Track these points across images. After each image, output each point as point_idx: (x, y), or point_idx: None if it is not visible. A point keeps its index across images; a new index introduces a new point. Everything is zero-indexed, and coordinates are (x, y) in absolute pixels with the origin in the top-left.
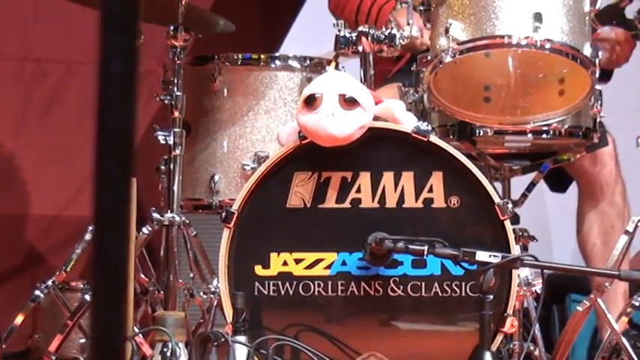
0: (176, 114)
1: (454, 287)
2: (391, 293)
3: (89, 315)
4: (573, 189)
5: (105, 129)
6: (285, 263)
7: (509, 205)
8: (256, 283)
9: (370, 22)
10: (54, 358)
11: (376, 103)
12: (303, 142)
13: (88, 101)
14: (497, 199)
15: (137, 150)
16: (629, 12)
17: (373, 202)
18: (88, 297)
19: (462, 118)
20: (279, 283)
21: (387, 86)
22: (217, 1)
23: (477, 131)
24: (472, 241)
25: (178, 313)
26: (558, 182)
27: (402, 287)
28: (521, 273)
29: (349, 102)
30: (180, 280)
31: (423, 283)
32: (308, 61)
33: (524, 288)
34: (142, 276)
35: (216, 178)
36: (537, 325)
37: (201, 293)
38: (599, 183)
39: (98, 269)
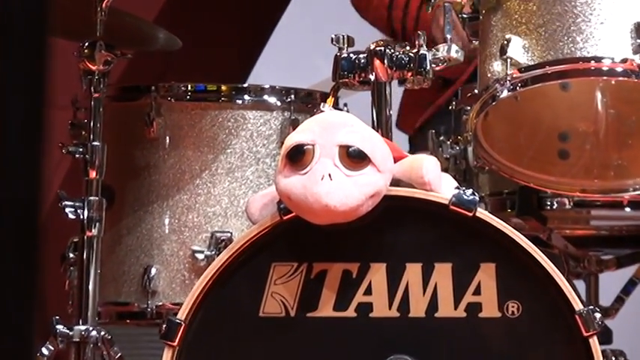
0: (92, 174)
1: None
2: None
3: None
4: None
5: None
6: None
7: (597, 315)
8: None
9: (409, 21)
10: None
11: (396, 159)
12: (286, 217)
13: None
14: (578, 306)
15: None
16: None
17: (390, 308)
18: None
19: (525, 183)
20: None
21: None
22: (164, 12)
23: (549, 203)
24: None
25: None
26: None
27: None
28: None
29: (355, 157)
30: None
31: None
32: (292, 96)
33: None
34: None
35: (153, 271)
36: None
37: None
38: None
39: None
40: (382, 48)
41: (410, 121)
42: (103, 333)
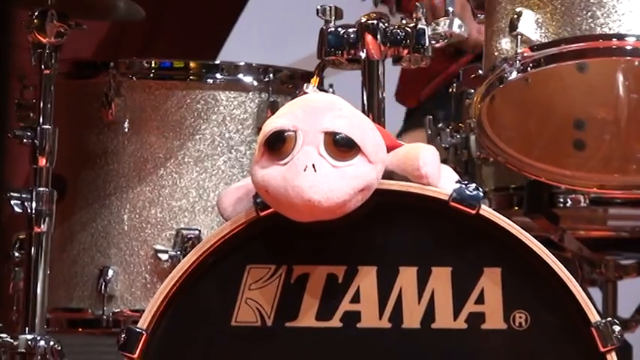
0: (42, 162)
1: None
2: None
3: None
4: None
5: None
6: None
7: (616, 328)
8: None
9: None
10: None
11: (389, 149)
12: (263, 213)
13: None
14: (594, 317)
15: None
16: None
17: (381, 318)
18: None
19: (535, 177)
20: None
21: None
22: None
23: (562, 199)
24: None
25: None
26: None
27: None
28: None
29: (342, 146)
30: None
31: None
32: (271, 75)
33: None
34: None
35: (110, 273)
36: None
37: None
38: None
39: None
40: (375, 21)
41: (412, 93)
42: (52, 343)
